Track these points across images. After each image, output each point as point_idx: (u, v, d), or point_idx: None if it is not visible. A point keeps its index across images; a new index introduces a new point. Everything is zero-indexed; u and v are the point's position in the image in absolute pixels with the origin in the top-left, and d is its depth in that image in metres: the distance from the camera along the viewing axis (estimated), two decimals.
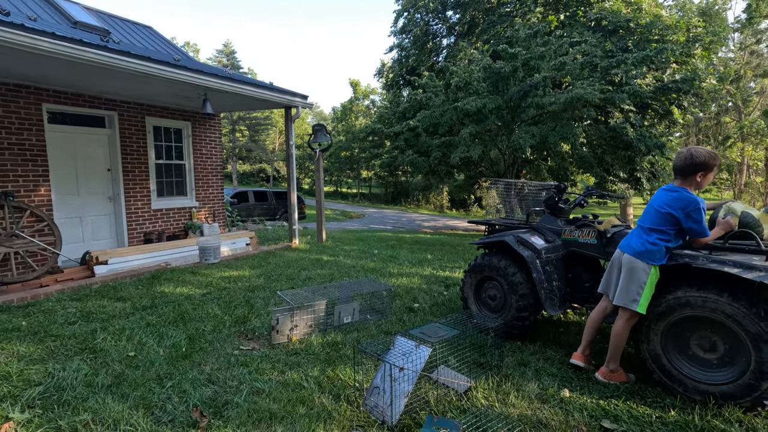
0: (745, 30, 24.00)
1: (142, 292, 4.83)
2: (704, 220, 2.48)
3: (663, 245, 2.57)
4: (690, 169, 2.53)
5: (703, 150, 2.53)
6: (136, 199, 7.74)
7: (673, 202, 2.53)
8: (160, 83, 6.29)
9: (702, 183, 2.56)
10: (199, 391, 2.54)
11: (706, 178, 2.55)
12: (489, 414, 2.29)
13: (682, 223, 2.51)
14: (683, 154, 2.57)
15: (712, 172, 2.55)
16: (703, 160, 2.50)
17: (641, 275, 2.58)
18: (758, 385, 2.27)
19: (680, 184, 2.59)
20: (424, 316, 4.05)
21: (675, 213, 2.51)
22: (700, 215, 2.46)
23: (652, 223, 2.62)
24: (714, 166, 2.53)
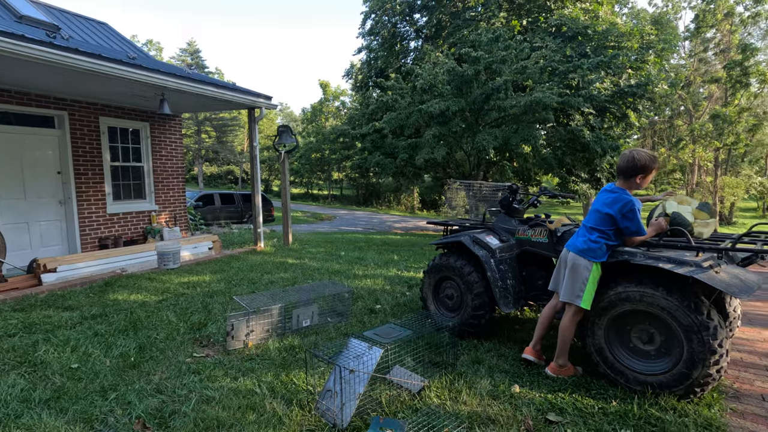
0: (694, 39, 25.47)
1: (93, 301, 4.61)
2: (639, 220, 2.61)
3: (603, 243, 2.68)
4: (631, 171, 2.66)
5: (645, 153, 2.66)
6: (90, 203, 7.40)
7: (611, 203, 2.65)
8: (114, 82, 6.04)
9: (641, 184, 2.70)
10: (144, 402, 2.45)
11: (645, 180, 2.69)
12: (439, 412, 2.33)
13: (619, 223, 2.63)
14: (626, 156, 2.70)
15: (651, 174, 2.68)
16: (644, 163, 2.63)
17: (584, 272, 2.68)
18: (690, 374, 2.40)
19: (620, 185, 2.72)
20: (385, 317, 4.07)
21: (612, 213, 2.63)
22: (635, 215, 2.59)
23: (594, 223, 2.73)
24: (653, 168, 2.66)
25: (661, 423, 2.25)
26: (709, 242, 2.68)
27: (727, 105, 23.09)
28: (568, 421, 2.31)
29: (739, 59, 21.12)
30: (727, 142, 23.09)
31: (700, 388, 2.41)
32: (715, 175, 25.65)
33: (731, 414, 2.44)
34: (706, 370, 2.35)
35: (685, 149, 25.91)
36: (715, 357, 2.34)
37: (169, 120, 8.77)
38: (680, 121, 31.71)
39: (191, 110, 9.61)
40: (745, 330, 3.94)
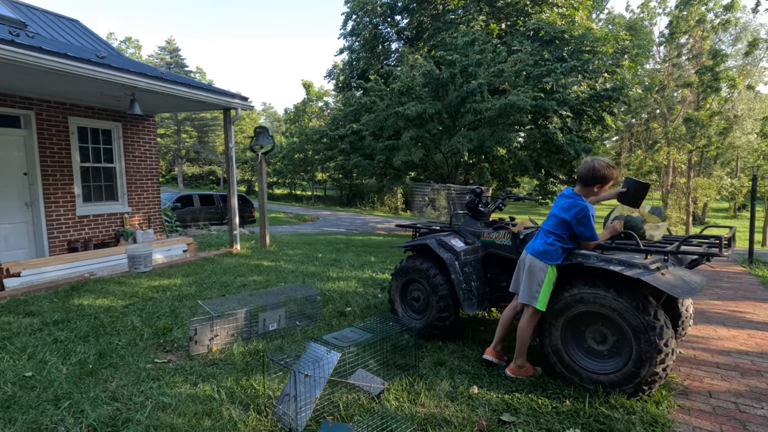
0: (668, 44, 26.19)
1: (56, 306, 4.50)
2: (593, 226, 2.68)
3: (559, 246, 2.75)
4: (590, 180, 2.73)
5: (604, 163, 2.72)
6: (58, 205, 7.22)
7: (567, 209, 2.72)
8: (82, 82, 5.91)
9: (599, 192, 2.77)
10: (98, 410, 2.41)
11: (603, 189, 2.76)
12: (393, 415, 2.35)
13: (574, 228, 2.70)
14: (587, 165, 2.76)
15: (609, 183, 2.75)
16: (602, 174, 2.70)
17: (539, 274, 2.75)
18: (639, 372, 2.48)
19: (578, 191, 2.79)
20: (354, 320, 4.08)
21: (568, 218, 2.70)
22: (588, 221, 2.66)
23: (550, 227, 2.80)
24: (610, 178, 2.73)
25: (609, 421, 2.32)
26: (657, 245, 2.77)
27: (699, 109, 23.81)
28: (521, 421, 2.36)
29: (710, 65, 21.80)
30: (700, 144, 23.79)
31: (648, 386, 2.49)
32: (689, 176, 26.40)
33: (678, 410, 2.53)
34: (653, 368, 2.44)
35: (661, 151, 26.57)
36: (661, 356, 2.42)
37: (143, 120, 8.61)
38: (656, 123, 32.56)
39: (165, 110, 9.46)
40: (701, 328, 4.08)
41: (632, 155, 36.15)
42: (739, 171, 34.39)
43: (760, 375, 3.03)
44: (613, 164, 2.73)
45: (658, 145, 26.09)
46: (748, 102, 29.19)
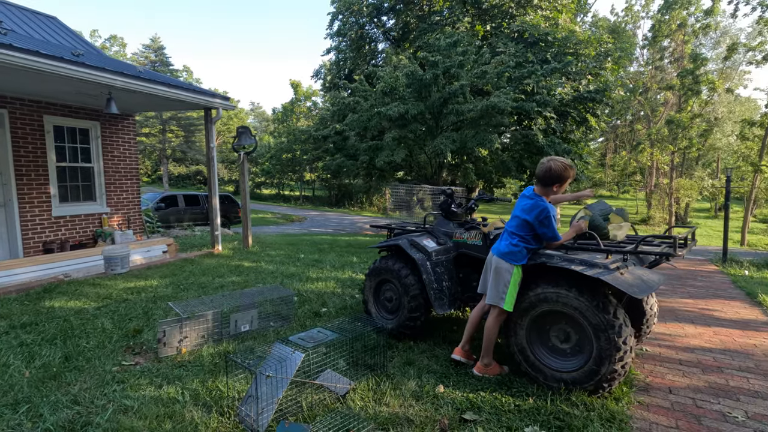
0: (651, 47, 26.66)
1: (26, 308, 4.42)
2: (554, 226, 2.73)
3: (523, 247, 2.79)
4: (548, 180, 2.77)
5: (561, 163, 2.76)
6: (33, 205, 7.08)
7: (529, 210, 2.76)
8: (56, 80, 5.81)
9: (558, 192, 2.82)
10: (57, 414, 2.38)
11: (561, 188, 2.81)
12: (359, 415, 2.36)
13: (536, 229, 2.75)
14: (544, 165, 2.81)
15: (566, 182, 2.80)
16: (558, 174, 2.74)
17: (505, 275, 2.79)
18: (599, 370, 2.53)
19: (538, 191, 2.83)
20: (328, 321, 4.08)
21: (530, 220, 2.75)
22: (550, 221, 2.71)
23: (514, 228, 2.84)
24: (567, 178, 2.78)
25: (568, 418, 2.36)
26: (617, 245, 2.83)
27: (681, 111, 24.30)
28: (483, 419, 2.39)
29: (691, 68, 22.26)
30: (681, 146, 24.27)
31: (607, 384, 2.54)
32: (671, 177, 26.91)
33: (637, 407, 2.58)
34: (612, 366, 2.49)
35: (644, 152, 27.05)
36: (620, 354, 2.47)
37: (122, 119, 8.49)
38: (640, 125, 33.12)
39: (144, 110, 9.35)
40: (670, 326, 4.17)
41: (617, 156, 36.72)
42: (719, 172, 35.13)
43: (721, 371, 3.11)
44: (569, 164, 2.78)
45: (642, 146, 26.55)
46: (728, 105, 29.87)
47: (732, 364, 3.24)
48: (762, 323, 4.26)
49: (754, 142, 22.99)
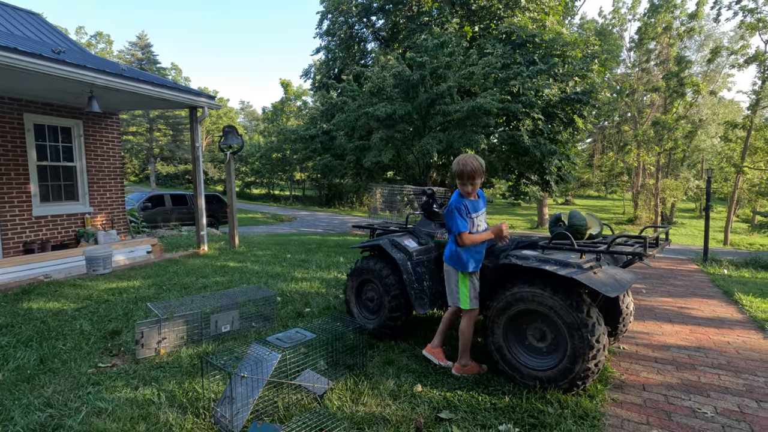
0: (638, 50, 27.05)
1: (3, 310, 4.35)
2: (456, 218, 2.77)
3: (456, 248, 2.87)
4: (458, 175, 2.86)
5: (461, 160, 2.80)
6: (13, 205, 6.96)
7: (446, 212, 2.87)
8: (35, 78, 5.71)
9: (470, 189, 2.85)
10: (28, 417, 2.35)
11: (471, 185, 2.83)
12: (335, 414, 2.37)
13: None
14: (455, 162, 2.87)
15: (470, 179, 2.80)
16: (456, 171, 2.83)
17: (452, 276, 2.91)
18: (573, 368, 2.57)
19: (458, 187, 2.92)
20: (310, 321, 4.08)
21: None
22: (451, 215, 2.80)
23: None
24: (464, 173, 2.79)
25: (542, 415, 2.40)
26: (590, 245, 2.87)
27: (666, 113, 24.71)
28: (458, 418, 2.41)
29: (676, 71, 22.66)
30: (667, 147, 24.70)
31: (581, 381, 2.58)
32: (657, 177, 27.34)
33: (611, 404, 2.63)
34: (585, 364, 2.52)
35: (631, 153, 27.45)
36: (593, 352, 2.51)
37: (105, 118, 8.38)
38: (627, 126, 33.59)
39: (128, 108, 9.23)
40: (648, 324, 4.24)
41: (604, 157, 37.19)
42: (704, 173, 35.77)
43: (694, 368, 3.17)
44: (476, 158, 2.80)
45: (629, 147, 26.93)
46: (712, 107, 30.42)
47: (705, 361, 3.31)
48: (736, 321, 4.35)
49: (737, 144, 23.48)
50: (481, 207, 2.93)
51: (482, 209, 2.94)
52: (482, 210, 2.94)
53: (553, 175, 13.17)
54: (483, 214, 2.95)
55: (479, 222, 2.90)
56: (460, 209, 2.79)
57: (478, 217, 2.89)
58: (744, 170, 21.74)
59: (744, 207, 29.48)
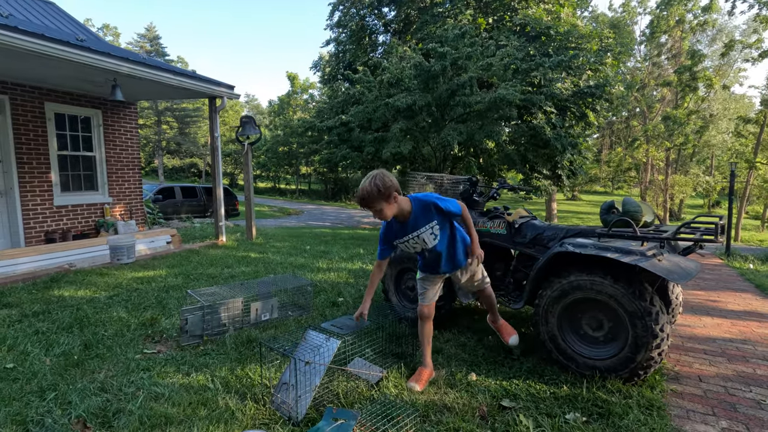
0: (649, 43, 26.73)
1: (35, 297, 4.33)
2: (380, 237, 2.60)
3: None
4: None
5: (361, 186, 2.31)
6: (35, 194, 6.94)
7: None
8: (60, 65, 5.67)
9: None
10: (86, 401, 2.32)
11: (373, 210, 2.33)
12: (395, 402, 2.33)
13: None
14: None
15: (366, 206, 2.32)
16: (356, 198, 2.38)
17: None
18: (634, 358, 2.52)
19: None
20: (347, 310, 4.04)
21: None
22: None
23: None
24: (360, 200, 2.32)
25: (607, 405, 2.35)
26: (653, 233, 2.81)
27: (677, 108, 24.44)
28: (521, 407, 2.37)
29: (689, 65, 22.36)
30: (677, 142, 24.43)
31: (643, 371, 2.53)
32: (666, 173, 27.12)
33: (671, 395, 2.58)
34: (648, 353, 2.47)
35: (640, 149, 27.21)
36: (656, 341, 2.46)
37: (124, 108, 8.33)
38: (636, 121, 33.30)
39: (147, 98, 9.18)
40: (687, 317, 4.18)
41: (612, 152, 36.94)
42: (713, 169, 35.51)
43: (746, 360, 3.12)
44: (374, 179, 2.26)
45: (638, 143, 26.69)
46: (723, 102, 30.10)
47: (756, 353, 3.25)
48: None
49: (749, 139, 23.23)
50: (418, 227, 2.45)
51: (418, 231, 2.45)
52: (417, 231, 2.45)
53: (565, 170, 13.08)
54: (422, 233, 2.46)
55: (412, 245, 2.51)
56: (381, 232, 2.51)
57: (408, 242, 2.49)
58: (756, 166, 21.51)
59: (754, 203, 29.27)
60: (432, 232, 2.47)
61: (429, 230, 2.45)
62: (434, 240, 2.49)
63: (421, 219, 2.43)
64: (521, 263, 3.55)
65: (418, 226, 2.43)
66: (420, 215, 2.43)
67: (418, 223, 2.43)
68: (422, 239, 2.47)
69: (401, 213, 2.39)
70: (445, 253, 2.59)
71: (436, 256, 2.60)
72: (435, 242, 2.50)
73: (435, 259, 2.62)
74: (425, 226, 2.44)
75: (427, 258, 2.64)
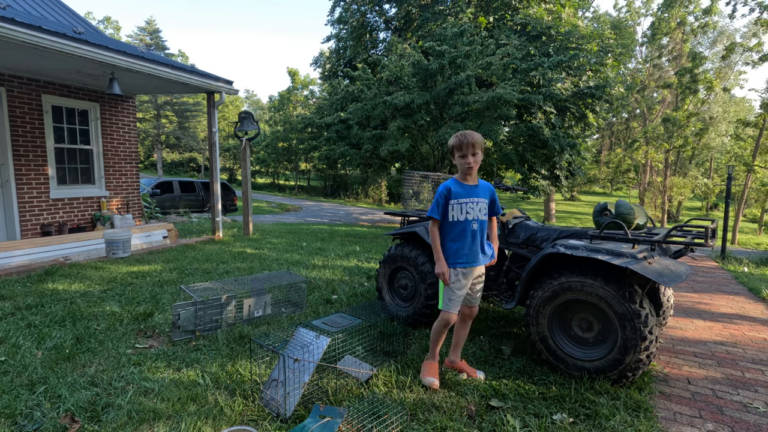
0: (650, 45, 26.70)
1: (29, 290, 4.33)
2: (434, 202, 2.60)
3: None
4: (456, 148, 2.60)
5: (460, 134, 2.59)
6: (31, 187, 6.92)
7: None
8: (57, 58, 5.65)
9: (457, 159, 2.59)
10: (76, 395, 2.32)
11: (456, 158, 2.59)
12: (383, 400, 2.34)
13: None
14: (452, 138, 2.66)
15: (456, 152, 2.57)
16: (455, 143, 2.57)
17: None
18: (623, 359, 2.53)
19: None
20: (340, 308, 4.05)
21: None
22: (434, 198, 2.64)
23: None
24: (456, 147, 2.57)
25: (595, 406, 2.37)
26: (644, 235, 2.82)
27: (677, 110, 24.44)
28: (509, 406, 2.38)
29: (690, 67, 22.34)
30: (676, 144, 24.44)
31: (631, 373, 2.54)
32: (665, 175, 27.14)
33: (659, 396, 2.60)
34: (637, 355, 2.49)
35: (639, 150, 27.22)
36: (645, 343, 2.47)
37: (122, 101, 8.31)
38: (635, 123, 33.31)
39: (145, 92, 9.15)
40: (678, 319, 4.20)
41: (612, 153, 36.95)
42: (712, 171, 35.55)
43: (735, 363, 3.14)
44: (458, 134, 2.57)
45: (637, 144, 26.69)
46: (723, 104, 30.12)
47: (745, 356, 3.27)
48: (767, 318, 4.31)
49: (748, 143, 23.26)
50: (479, 195, 2.61)
51: (478, 198, 2.61)
52: (478, 198, 2.60)
53: (563, 170, 13.09)
54: (480, 202, 2.60)
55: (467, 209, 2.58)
56: (442, 192, 2.59)
57: (466, 204, 2.57)
58: (755, 169, 21.56)
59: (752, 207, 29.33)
60: (485, 207, 2.65)
61: (484, 203, 2.64)
62: (483, 215, 2.64)
63: (482, 192, 2.66)
64: (514, 263, 3.56)
65: (479, 195, 2.63)
66: (482, 188, 2.67)
67: (479, 193, 2.64)
68: (479, 207, 2.62)
69: (474, 174, 2.64)
70: (482, 238, 2.66)
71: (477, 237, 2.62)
72: (484, 217, 2.64)
73: (474, 241, 2.61)
74: (483, 198, 2.65)
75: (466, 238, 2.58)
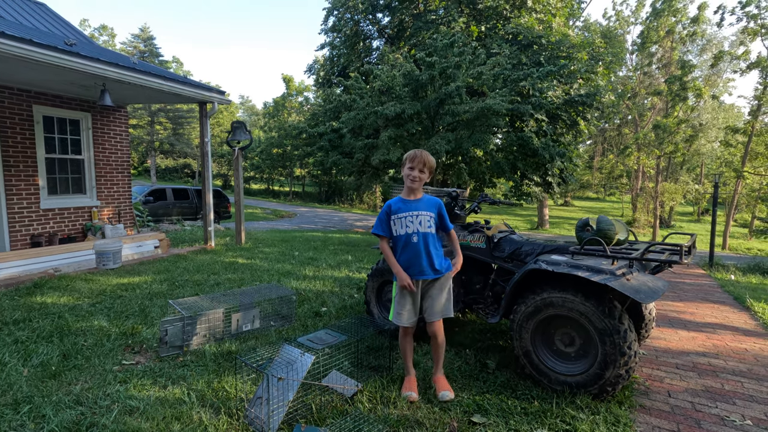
0: (640, 53, 27.09)
1: (17, 304, 4.31)
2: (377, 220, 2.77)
3: None
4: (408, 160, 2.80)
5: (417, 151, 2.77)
6: (21, 197, 6.91)
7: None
8: (48, 70, 5.67)
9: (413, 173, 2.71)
10: (61, 414, 2.33)
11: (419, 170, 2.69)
12: (367, 417, 2.37)
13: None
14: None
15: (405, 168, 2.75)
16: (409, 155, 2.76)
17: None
18: (603, 374, 2.58)
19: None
20: (329, 321, 4.07)
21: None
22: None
23: None
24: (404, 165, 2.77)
25: (575, 421, 2.41)
26: (623, 252, 2.88)
27: (667, 116, 24.76)
28: (491, 422, 2.41)
29: (679, 74, 22.69)
30: (667, 150, 24.75)
31: (611, 387, 2.59)
32: (657, 181, 27.43)
33: (639, 410, 2.64)
34: (617, 370, 2.53)
35: (631, 156, 27.52)
36: (624, 358, 2.52)
37: (114, 111, 8.32)
38: (627, 129, 33.70)
39: (137, 102, 9.17)
40: (663, 330, 4.26)
41: (604, 159, 37.30)
42: (703, 177, 35.97)
43: (716, 375, 3.19)
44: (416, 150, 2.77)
45: (629, 150, 26.99)
46: (713, 111, 30.55)
47: (726, 368, 3.33)
48: (750, 328, 4.38)
49: (737, 149, 23.60)
50: (420, 209, 2.69)
51: (419, 211, 2.68)
52: (418, 212, 2.68)
53: (556, 177, 13.22)
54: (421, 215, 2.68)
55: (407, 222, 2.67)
56: (384, 212, 2.75)
57: (405, 218, 2.67)
58: (744, 175, 21.86)
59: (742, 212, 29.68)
60: (428, 220, 2.71)
61: (426, 216, 2.70)
62: (427, 227, 2.69)
63: (424, 206, 2.73)
64: (500, 277, 3.61)
65: (419, 208, 2.71)
66: (425, 203, 2.76)
67: (420, 207, 2.72)
68: (419, 220, 2.69)
69: (417, 191, 2.75)
70: (426, 250, 2.68)
71: (420, 249, 2.66)
72: (426, 230, 2.69)
73: (417, 254, 2.66)
74: (426, 211, 2.71)
75: (409, 252, 2.67)
